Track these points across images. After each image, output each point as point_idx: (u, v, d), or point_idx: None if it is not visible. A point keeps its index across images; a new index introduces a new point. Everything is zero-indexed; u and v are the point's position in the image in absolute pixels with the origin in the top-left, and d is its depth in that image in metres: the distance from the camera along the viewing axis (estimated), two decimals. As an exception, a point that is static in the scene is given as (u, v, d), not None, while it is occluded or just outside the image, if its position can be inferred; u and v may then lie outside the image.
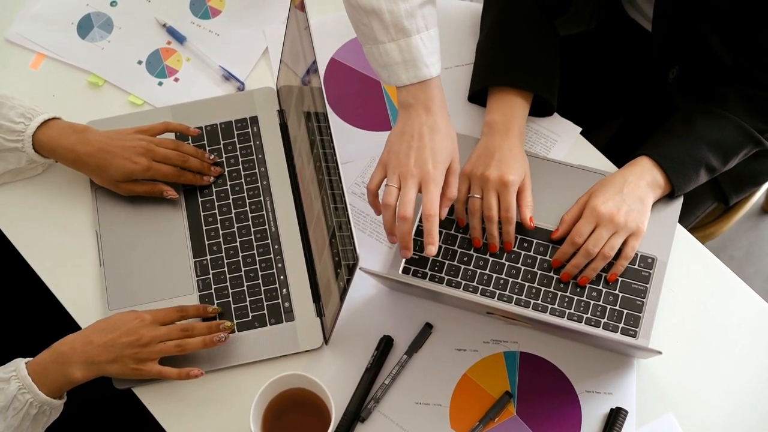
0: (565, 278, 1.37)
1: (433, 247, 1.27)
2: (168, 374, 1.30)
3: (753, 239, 2.40)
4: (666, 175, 1.38)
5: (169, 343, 1.30)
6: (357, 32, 1.34)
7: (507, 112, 1.42)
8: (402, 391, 1.34)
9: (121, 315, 1.31)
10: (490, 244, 1.39)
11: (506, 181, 1.36)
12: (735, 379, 1.34)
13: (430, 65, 1.31)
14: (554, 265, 1.37)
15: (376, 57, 1.32)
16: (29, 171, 1.46)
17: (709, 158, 1.39)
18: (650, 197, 1.37)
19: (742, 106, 1.41)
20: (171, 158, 1.42)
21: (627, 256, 1.36)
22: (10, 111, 1.40)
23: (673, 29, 1.44)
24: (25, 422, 1.25)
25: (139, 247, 1.44)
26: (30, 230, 1.46)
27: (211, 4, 1.63)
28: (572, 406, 1.33)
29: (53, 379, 1.26)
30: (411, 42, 1.29)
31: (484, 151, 1.40)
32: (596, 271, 1.35)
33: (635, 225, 1.35)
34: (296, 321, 1.38)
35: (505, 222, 1.37)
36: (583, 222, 1.36)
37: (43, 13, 1.61)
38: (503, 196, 1.37)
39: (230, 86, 1.56)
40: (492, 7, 1.52)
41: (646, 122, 1.65)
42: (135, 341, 1.28)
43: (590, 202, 1.37)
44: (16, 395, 1.24)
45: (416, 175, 1.28)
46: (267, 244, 1.43)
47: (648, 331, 1.35)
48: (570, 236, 1.36)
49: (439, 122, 1.31)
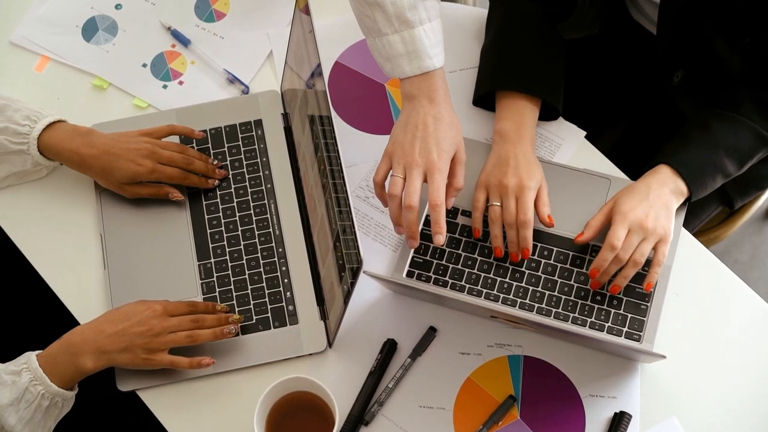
0: (595, 287, 1.36)
1: (441, 237, 1.27)
2: (179, 363, 1.31)
3: (757, 243, 2.39)
4: (685, 182, 1.37)
5: (180, 333, 1.30)
6: (360, 25, 1.35)
7: (518, 120, 1.42)
8: (406, 395, 1.34)
9: (132, 305, 1.31)
10: (511, 252, 1.38)
11: (524, 186, 1.36)
12: (739, 383, 1.34)
13: (433, 56, 1.31)
14: (592, 275, 1.33)
15: (380, 49, 1.32)
16: (34, 174, 1.46)
17: (726, 164, 1.39)
18: (674, 203, 1.37)
19: (756, 110, 1.40)
20: (175, 161, 1.43)
21: (659, 262, 1.33)
22: (15, 113, 1.40)
23: (678, 32, 1.44)
24: (37, 414, 1.25)
25: (143, 250, 1.44)
26: (34, 233, 1.46)
27: (215, 8, 1.63)
28: (576, 410, 1.33)
29: (64, 369, 1.26)
30: (414, 33, 1.30)
31: (498, 160, 1.40)
32: (627, 279, 1.33)
33: (663, 231, 1.33)
34: (300, 324, 1.38)
35: (522, 226, 1.35)
36: (617, 227, 1.32)
37: (48, 16, 1.61)
38: (521, 200, 1.36)
39: (235, 89, 1.56)
40: (497, 12, 1.52)
41: (650, 126, 1.65)
42: (146, 331, 1.28)
43: (618, 208, 1.34)
44: (28, 387, 1.24)
45: (421, 164, 1.28)
46: (271, 247, 1.43)
47: (652, 335, 1.35)
48: (608, 242, 1.31)
49: (443, 112, 1.31)
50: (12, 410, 1.23)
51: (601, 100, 1.70)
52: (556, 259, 1.39)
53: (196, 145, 1.50)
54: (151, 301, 1.32)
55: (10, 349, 1.33)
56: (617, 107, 1.73)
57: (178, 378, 1.35)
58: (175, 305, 1.33)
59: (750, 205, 1.74)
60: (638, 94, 1.69)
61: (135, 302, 1.32)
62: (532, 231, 1.36)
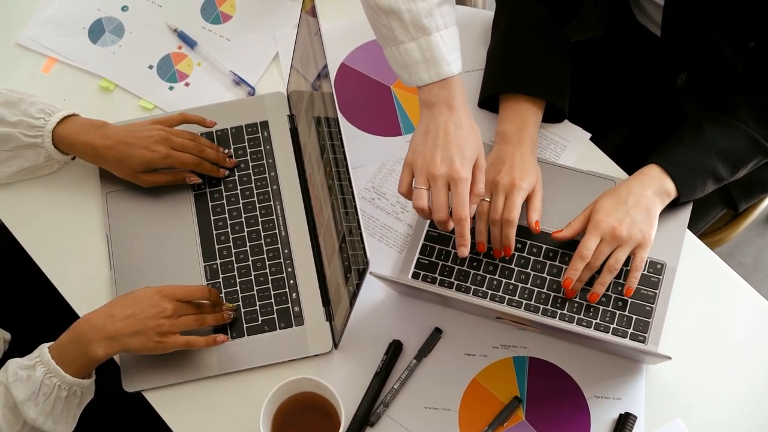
0: (571, 295, 1.36)
1: (465, 249, 1.29)
2: (195, 342, 1.31)
3: (761, 246, 2.40)
4: (674, 181, 1.38)
5: (190, 316, 1.31)
6: (377, 34, 1.34)
7: (520, 122, 1.42)
8: (411, 396, 1.35)
9: (141, 290, 1.31)
10: (494, 249, 1.39)
11: (516, 185, 1.36)
12: (744, 384, 1.34)
13: (450, 63, 1.31)
14: (565, 285, 1.34)
15: (397, 58, 1.32)
16: (45, 168, 1.47)
17: (718, 167, 1.39)
18: (657, 206, 1.37)
19: (752, 115, 1.41)
20: (188, 147, 1.44)
21: (637, 267, 1.35)
22: (30, 107, 1.41)
23: (682, 34, 1.44)
24: (57, 405, 1.26)
25: (149, 251, 1.44)
26: (40, 233, 1.46)
27: (222, 9, 1.63)
28: (581, 412, 1.33)
29: (75, 358, 1.26)
30: (431, 40, 1.29)
31: (496, 159, 1.40)
32: (604, 286, 1.34)
33: (641, 236, 1.34)
34: (306, 325, 1.38)
35: (505, 224, 1.36)
36: (588, 237, 1.34)
37: (55, 18, 1.62)
38: (509, 199, 1.36)
39: (241, 91, 1.57)
40: (503, 14, 1.52)
41: (655, 128, 1.65)
42: (159, 313, 1.28)
43: (593, 216, 1.35)
44: (43, 380, 1.25)
45: (444, 174, 1.27)
46: (277, 249, 1.43)
47: (657, 337, 1.35)
48: (577, 251, 1.34)
49: (462, 119, 1.30)
50: (31, 404, 1.24)
51: (606, 103, 1.71)
52: (561, 261, 1.40)
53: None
54: (159, 286, 1.32)
55: (23, 348, 1.33)
56: (622, 109, 1.73)
57: (183, 379, 1.35)
58: (181, 289, 1.33)
59: (754, 208, 1.74)
60: (643, 96, 1.69)
61: (142, 288, 1.32)
62: (515, 230, 1.36)
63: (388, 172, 1.49)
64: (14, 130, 1.40)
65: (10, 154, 1.43)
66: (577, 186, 1.45)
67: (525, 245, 1.41)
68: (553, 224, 1.41)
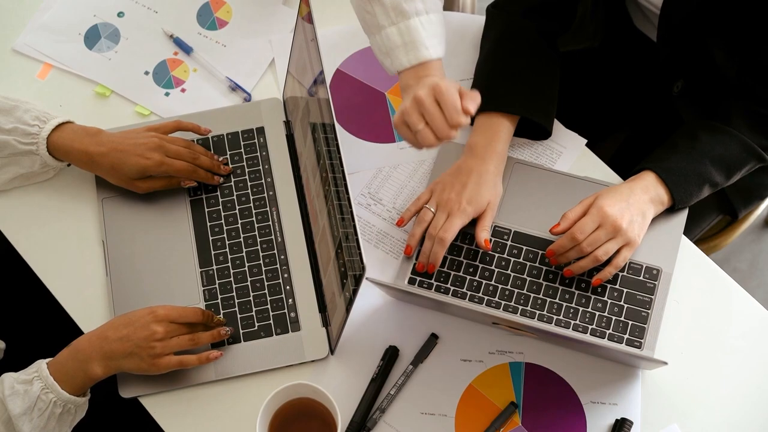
0: (554, 263, 1.38)
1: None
2: (188, 362, 1.31)
3: (756, 252, 2.40)
4: (668, 189, 1.38)
5: (183, 336, 1.31)
6: (362, 23, 1.37)
7: (490, 135, 1.42)
8: (407, 402, 1.35)
9: (136, 311, 1.31)
10: (419, 261, 1.40)
11: (459, 209, 1.38)
12: (739, 389, 1.35)
13: (429, 47, 1.32)
14: (548, 255, 1.37)
15: (380, 44, 1.34)
16: (41, 175, 1.47)
17: (712, 173, 1.40)
18: (651, 212, 1.38)
19: (745, 122, 1.41)
20: (182, 155, 1.44)
21: (617, 265, 1.36)
22: (25, 114, 1.41)
23: (679, 41, 1.45)
24: (51, 422, 1.26)
25: (146, 257, 1.44)
26: (36, 239, 1.46)
27: (218, 15, 1.64)
28: (577, 417, 1.33)
29: (74, 376, 1.26)
30: (410, 24, 1.31)
31: (456, 171, 1.41)
32: (583, 269, 1.35)
33: (633, 236, 1.35)
34: (302, 331, 1.38)
35: (437, 242, 1.37)
36: (587, 219, 1.34)
37: (51, 24, 1.62)
38: (449, 220, 1.38)
39: (237, 97, 1.57)
40: (491, 30, 1.52)
41: (651, 135, 1.65)
42: (150, 335, 1.28)
43: (597, 202, 1.36)
44: (40, 395, 1.24)
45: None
46: (273, 254, 1.43)
47: (653, 342, 1.35)
48: (571, 231, 1.34)
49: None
50: (26, 419, 1.24)
51: (603, 109, 1.71)
52: (558, 267, 1.40)
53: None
54: (153, 306, 1.33)
55: (17, 357, 1.33)
56: (619, 115, 1.74)
57: (180, 385, 1.35)
58: (175, 311, 1.33)
59: (750, 214, 1.74)
60: (639, 102, 1.70)
61: (138, 309, 1.32)
62: (444, 250, 1.38)
63: (385, 178, 1.50)
64: (9, 138, 1.40)
65: (5, 161, 1.43)
66: (573, 192, 1.45)
67: (521, 251, 1.41)
68: (547, 231, 1.41)
